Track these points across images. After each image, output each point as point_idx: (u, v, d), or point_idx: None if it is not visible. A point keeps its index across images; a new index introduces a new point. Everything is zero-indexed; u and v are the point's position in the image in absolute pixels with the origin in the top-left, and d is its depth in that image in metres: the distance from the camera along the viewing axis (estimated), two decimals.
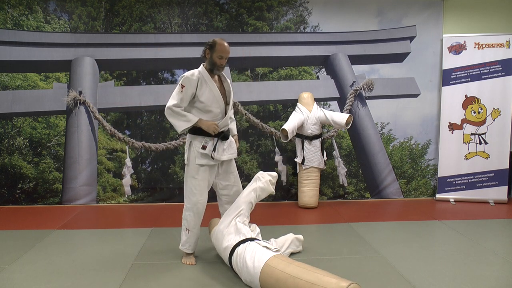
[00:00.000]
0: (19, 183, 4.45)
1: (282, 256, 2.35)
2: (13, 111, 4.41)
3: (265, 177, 2.76)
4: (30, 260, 2.83)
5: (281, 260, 2.27)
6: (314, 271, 2.14)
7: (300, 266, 2.20)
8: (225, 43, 2.62)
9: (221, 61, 2.62)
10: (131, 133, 4.58)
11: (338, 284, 1.99)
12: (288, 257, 2.50)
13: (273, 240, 2.87)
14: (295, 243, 2.94)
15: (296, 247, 2.94)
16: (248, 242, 2.48)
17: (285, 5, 4.65)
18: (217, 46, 2.59)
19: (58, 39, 4.44)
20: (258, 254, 2.35)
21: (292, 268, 2.17)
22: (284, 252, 2.80)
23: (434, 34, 4.72)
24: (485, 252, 2.97)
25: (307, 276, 2.09)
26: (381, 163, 4.76)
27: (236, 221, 2.63)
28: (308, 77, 4.72)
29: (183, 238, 2.81)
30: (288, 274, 2.14)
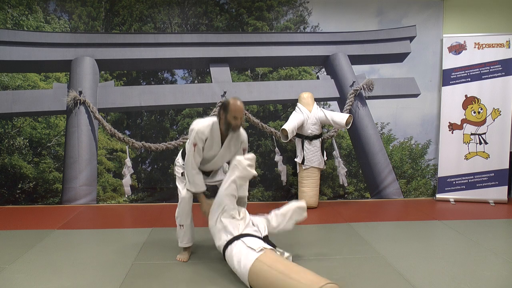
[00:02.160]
0: (19, 183, 4.45)
1: (266, 256, 2.34)
2: (13, 111, 4.41)
3: (242, 164, 2.60)
4: (30, 260, 2.83)
5: (263, 264, 2.30)
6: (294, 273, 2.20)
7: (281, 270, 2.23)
8: (238, 102, 2.59)
9: (236, 122, 2.60)
10: (131, 133, 4.58)
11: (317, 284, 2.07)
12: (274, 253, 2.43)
13: (274, 214, 2.82)
14: (298, 212, 2.84)
15: (299, 215, 2.84)
16: (234, 243, 2.49)
17: (285, 5, 4.65)
18: (230, 106, 2.57)
19: (58, 39, 4.44)
20: (243, 258, 2.38)
21: (273, 273, 2.24)
22: (288, 223, 2.79)
23: (434, 34, 4.72)
24: (485, 252, 2.97)
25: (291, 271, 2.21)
26: (381, 163, 4.76)
27: (221, 219, 2.61)
28: (308, 77, 4.72)
29: (180, 235, 2.88)
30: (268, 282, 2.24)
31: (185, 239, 2.87)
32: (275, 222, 2.78)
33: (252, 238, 2.50)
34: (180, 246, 2.89)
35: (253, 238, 2.50)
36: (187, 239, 2.88)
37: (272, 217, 2.80)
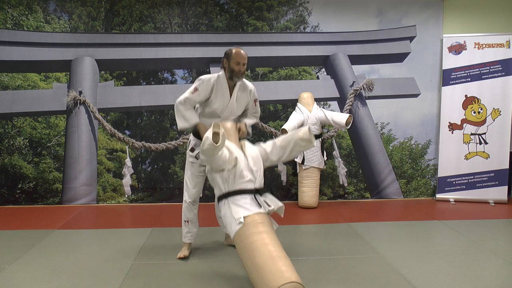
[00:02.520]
0: (19, 183, 4.45)
1: (244, 231, 2.24)
2: (13, 111, 4.41)
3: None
4: (30, 260, 2.83)
5: (241, 240, 2.26)
6: (261, 262, 2.14)
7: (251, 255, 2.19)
8: (241, 50, 2.64)
9: (239, 67, 2.62)
10: (131, 133, 4.58)
11: (279, 278, 2.04)
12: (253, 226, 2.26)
13: (273, 145, 2.60)
14: (300, 144, 2.58)
15: (302, 147, 2.61)
16: (223, 202, 2.42)
17: (285, 5, 4.65)
18: (233, 53, 2.62)
19: (58, 39, 4.44)
20: (228, 226, 2.36)
21: (244, 255, 2.23)
22: (289, 156, 2.61)
23: (434, 34, 4.72)
24: (485, 252, 2.97)
25: (258, 260, 2.15)
26: (381, 163, 4.76)
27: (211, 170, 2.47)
28: (308, 77, 4.72)
29: (184, 230, 2.92)
30: (246, 253, 2.23)
31: (188, 235, 2.91)
32: (275, 156, 2.60)
33: (239, 199, 2.36)
34: (183, 241, 2.93)
35: (241, 199, 2.36)
36: (190, 236, 2.92)
37: (272, 149, 2.60)
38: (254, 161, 2.49)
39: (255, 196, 2.39)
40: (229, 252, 2.97)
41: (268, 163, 2.62)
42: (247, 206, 2.34)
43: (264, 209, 2.36)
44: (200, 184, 2.90)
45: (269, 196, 2.47)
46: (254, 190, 2.41)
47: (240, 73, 2.64)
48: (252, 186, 2.41)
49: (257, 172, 2.47)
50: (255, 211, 2.32)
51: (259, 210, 2.33)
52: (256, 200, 2.38)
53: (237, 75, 2.64)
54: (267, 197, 2.46)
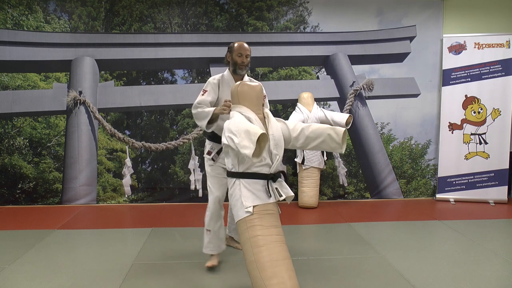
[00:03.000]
0: (19, 183, 4.45)
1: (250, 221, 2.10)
2: (13, 111, 4.41)
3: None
4: (30, 260, 2.83)
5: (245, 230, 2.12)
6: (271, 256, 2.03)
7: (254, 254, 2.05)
8: (243, 43, 2.61)
9: (241, 59, 2.57)
10: (131, 133, 4.58)
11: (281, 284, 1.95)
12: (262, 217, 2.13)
13: (301, 130, 2.31)
14: (329, 144, 2.30)
15: (329, 148, 2.33)
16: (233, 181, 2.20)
17: (285, 5, 4.65)
18: (235, 46, 2.60)
19: (58, 39, 4.44)
20: (234, 210, 2.18)
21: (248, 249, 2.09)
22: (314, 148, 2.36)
23: (434, 34, 4.72)
24: (485, 252, 2.97)
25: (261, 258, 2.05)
26: (381, 163, 4.76)
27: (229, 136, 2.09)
28: (308, 77, 4.72)
29: (205, 240, 2.72)
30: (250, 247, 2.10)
31: (210, 245, 2.71)
32: (299, 143, 2.34)
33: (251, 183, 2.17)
34: (203, 251, 2.74)
35: (253, 183, 2.17)
36: (212, 246, 2.71)
37: (299, 135, 2.32)
38: (276, 143, 2.21)
39: (268, 183, 2.19)
40: (229, 252, 2.97)
41: (289, 147, 2.38)
42: (258, 193, 2.16)
43: (275, 198, 2.19)
44: (224, 186, 2.65)
45: (282, 183, 2.26)
46: (268, 176, 2.19)
47: (244, 65, 2.58)
48: (267, 170, 2.19)
49: (276, 156, 2.20)
50: (265, 201, 2.16)
51: (269, 200, 2.17)
52: (268, 187, 2.19)
53: (240, 67, 2.58)
54: (280, 184, 2.24)
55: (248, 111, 2.20)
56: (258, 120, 2.19)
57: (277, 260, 2.05)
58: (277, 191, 2.20)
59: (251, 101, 2.24)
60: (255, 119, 2.17)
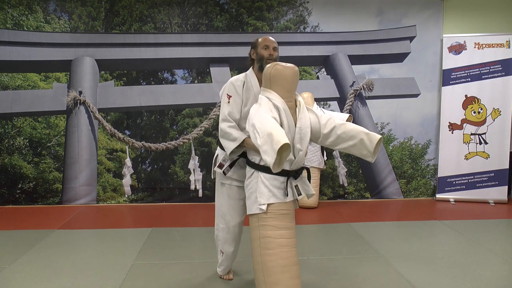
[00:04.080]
0: (19, 183, 4.45)
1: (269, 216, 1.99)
2: (13, 111, 4.41)
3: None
4: (30, 260, 2.83)
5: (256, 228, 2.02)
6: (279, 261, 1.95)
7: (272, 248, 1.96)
8: (269, 36, 2.32)
9: (268, 51, 2.27)
10: (131, 133, 4.58)
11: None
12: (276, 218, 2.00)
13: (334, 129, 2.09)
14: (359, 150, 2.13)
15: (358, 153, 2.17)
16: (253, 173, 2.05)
17: (285, 5, 4.65)
18: (259, 40, 2.31)
19: (58, 39, 4.44)
20: (248, 203, 2.07)
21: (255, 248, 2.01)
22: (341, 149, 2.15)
23: (434, 34, 4.72)
24: (485, 252, 2.97)
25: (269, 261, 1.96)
26: (381, 163, 4.76)
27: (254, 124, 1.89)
28: (308, 77, 4.72)
29: (219, 259, 2.48)
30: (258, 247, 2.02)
31: (222, 265, 2.47)
32: (328, 141, 2.12)
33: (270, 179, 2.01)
34: (217, 270, 2.54)
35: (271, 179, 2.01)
36: (224, 267, 2.48)
37: (329, 133, 2.10)
38: (301, 137, 2.02)
39: (287, 180, 2.03)
40: None
41: (318, 143, 2.18)
42: (275, 191, 2.00)
43: (293, 196, 2.06)
44: (241, 209, 2.29)
45: (303, 180, 2.10)
46: (290, 173, 2.03)
47: (272, 58, 2.27)
48: (289, 166, 2.02)
49: (299, 151, 2.02)
50: (281, 200, 2.01)
51: (285, 199, 2.02)
52: (286, 185, 2.02)
53: (267, 61, 2.25)
54: (302, 181, 2.09)
55: (278, 98, 2.00)
56: (287, 109, 1.99)
57: (283, 267, 1.97)
58: (296, 188, 2.06)
59: (283, 86, 2.06)
60: (283, 109, 1.97)
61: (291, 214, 2.06)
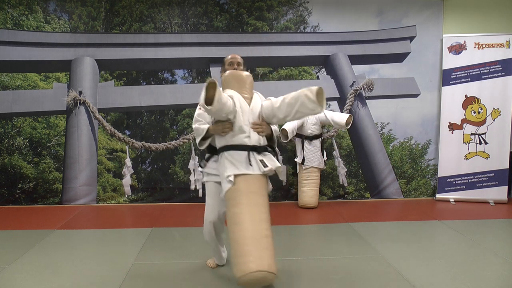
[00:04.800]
0: (19, 183, 4.45)
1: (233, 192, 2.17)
2: (13, 111, 4.41)
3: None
4: (30, 260, 2.83)
5: (230, 203, 2.19)
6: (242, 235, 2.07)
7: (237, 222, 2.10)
8: (235, 54, 2.62)
9: (232, 67, 2.54)
10: (131, 133, 4.58)
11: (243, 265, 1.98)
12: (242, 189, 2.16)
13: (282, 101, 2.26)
14: (307, 106, 2.17)
15: (309, 110, 2.20)
16: (220, 155, 2.29)
17: (285, 5, 4.65)
18: (225, 59, 2.61)
19: (58, 39, 4.44)
20: (221, 178, 2.25)
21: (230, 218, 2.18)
22: (295, 115, 2.27)
23: (434, 34, 4.72)
24: (485, 252, 2.97)
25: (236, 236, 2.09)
26: (381, 163, 4.76)
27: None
28: (308, 77, 4.72)
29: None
30: (230, 224, 2.17)
31: (215, 256, 2.73)
32: (282, 113, 2.28)
33: (233, 154, 2.23)
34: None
35: (235, 155, 2.23)
36: (216, 258, 2.74)
37: (280, 105, 2.28)
38: (254, 116, 2.31)
39: (249, 154, 2.23)
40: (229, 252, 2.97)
41: (276, 120, 2.35)
42: (237, 164, 2.20)
43: (259, 169, 2.21)
44: (218, 209, 2.49)
45: (268, 156, 2.29)
46: (248, 147, 2.24)
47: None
48: (249, 141, 2.25)
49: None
50: (245, 171, 2.18)
51: (249, 171, 2.19)
52: (249, 157, 2.22)
53: None
54: (266, 156, 2.28)
55: (231, 91, 2.31)
56: (240, 97, 2.29)
57: (251, 239, 2.05)
58: (262, 162, 2.22)
59: (234, 86, 2.35)
60: (237, 97, 2.27)
61: (260, 192, 2.21)
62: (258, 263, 1.97)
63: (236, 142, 2.26)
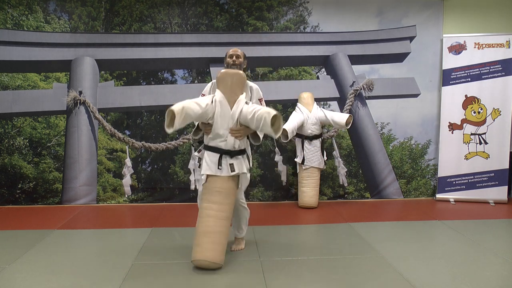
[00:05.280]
0: (19, 183, 4.45)
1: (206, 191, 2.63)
2: (13, 111, 4.41)
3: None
4: (30, 260, 2.83)
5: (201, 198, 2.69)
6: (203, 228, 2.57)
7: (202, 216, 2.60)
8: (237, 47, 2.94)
9: (232, 59, 2.84)
10: (131, 133, 4.58)
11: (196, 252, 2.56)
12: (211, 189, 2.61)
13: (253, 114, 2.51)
14: (267, 128, 2.46)
15: (268, 132, 2.48)
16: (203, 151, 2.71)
17: (285, 5, 4.65)
18: (226, 53, 2.91)
19: (58, 39, 4.44)
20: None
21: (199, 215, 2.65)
22: (262, 130, 2.56)
23: (434, 34, 4.72)
24: (485, 252, 2.97)
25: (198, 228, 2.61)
26: (381, 163, 4.76)
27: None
28: (308, 77, 4.72)
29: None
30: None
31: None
32: (253, 125, 2.57)
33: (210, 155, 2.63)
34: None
35: (211, 156, 2.62)
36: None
37: (250, 118, 2.55)
38: (234, 121, 2.60)
39: (220, 157, 2.60)
40: (229, 252, 2.97)
41: (250, 127, 2.62)
42: (211, 165, 2.61)
43: (227, 172, 2.59)
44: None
45: (239, 160, 2.64)
46: (222, 151, 2.61)
47: (235, 64, 2.82)
48: (224, 145, 2.61)
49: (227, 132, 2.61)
50: (214, 172, 2.59)
51: (218, 173, 2.59)
52: (220, 160, 2.60)
53: (231, 67, 2.82)
54: (237, 160, 2.63)
55: (219, 94, 2.61)
56: (223, 101, 2.58)
57: (206, 232, 2.56)
58: (231, 166, 2.59)
59: (226, 86, 2.62)
60: (219, 101, 2.58)
61: (225, 192, 2.60)
62: (204, 254, 2.53)
63: (213, 144, 2.64)
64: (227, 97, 2.59)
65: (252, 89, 2.83)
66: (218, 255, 2.55)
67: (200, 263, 2.55)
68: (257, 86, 2.88)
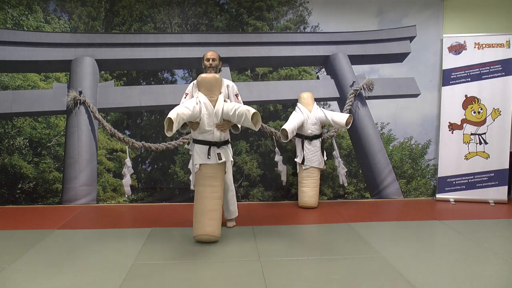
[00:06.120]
0: (19, 183, 4.45)
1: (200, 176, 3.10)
2: (13, 111, 4.41)
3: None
4: (30, 260, 2.83)
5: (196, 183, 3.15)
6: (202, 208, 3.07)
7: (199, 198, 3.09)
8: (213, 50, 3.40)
9: (208, 62, 3.30)
10: (131, 133, 4.58)
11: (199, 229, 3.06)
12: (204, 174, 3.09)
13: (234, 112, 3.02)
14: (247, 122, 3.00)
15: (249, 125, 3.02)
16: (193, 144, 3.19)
17: (285, 5, 4.65)
18: (203, 55, 3.35)
19: (58, 39, 4.44)
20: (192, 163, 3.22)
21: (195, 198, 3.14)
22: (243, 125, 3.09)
23: (434, 34, 4.72)
24: (485, 252, 2.97)
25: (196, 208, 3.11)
26: (381, 163, 4.76)
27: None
28: (308, 77, 4.72)
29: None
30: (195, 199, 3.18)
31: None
32: (234, 120, 3.07)
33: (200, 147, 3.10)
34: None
35: (201, 147, 3.09)
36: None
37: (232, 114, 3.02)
38: (217, 116, 3.07)
39: (209, 148, 3.07)
40: (229, 252, 2.97)
41: (232, 121, 3.11)
42: (202, 155, 3.08)
43: (216, 160, 3.07)
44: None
45: (225, 149, 3.14)
46: (210, 143, 3.09)
47: (212, 66, 3.29)
48: (212, 138, 3.10)
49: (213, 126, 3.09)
50: (205, 161, 3.06)
51: (208, 161, 3.06)
52: (209, 150, 3.07)
53: (208, 69, 3.29)
54: (223, 150, 3.13)
55: (201, 95, 3.07)
56: (207, 102, 3.05)
57: (203, 211, 3.05)
58: (218, 155, 3.08)
59: (205, 88, 3.09)
60: (203, 102, 3.04)
61: (215, 177, 3.10)
62: (204, 229, 3.04)
63: (201, 138, 3.11)
64: (208, 98, 3.06)
65: (229, 87, 3.25)
66: (215, 229, 3.06)
67: (202, 237, 3.05)
68: (232, 83, 3.32)
